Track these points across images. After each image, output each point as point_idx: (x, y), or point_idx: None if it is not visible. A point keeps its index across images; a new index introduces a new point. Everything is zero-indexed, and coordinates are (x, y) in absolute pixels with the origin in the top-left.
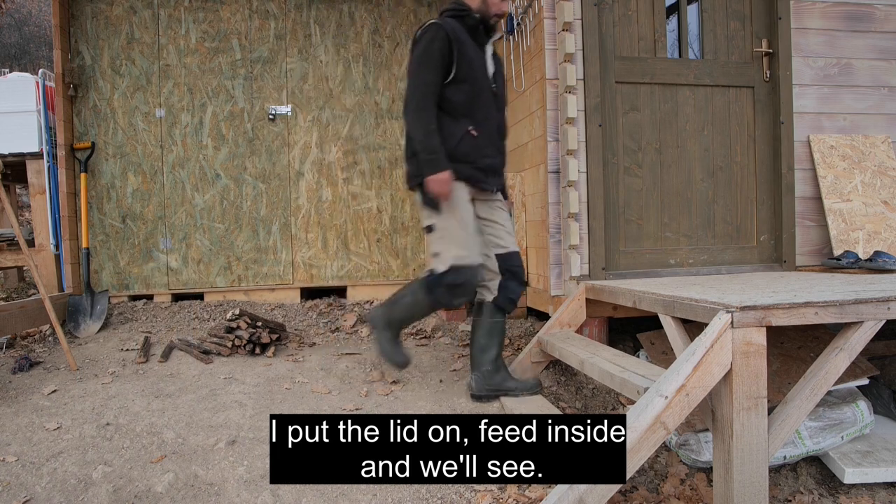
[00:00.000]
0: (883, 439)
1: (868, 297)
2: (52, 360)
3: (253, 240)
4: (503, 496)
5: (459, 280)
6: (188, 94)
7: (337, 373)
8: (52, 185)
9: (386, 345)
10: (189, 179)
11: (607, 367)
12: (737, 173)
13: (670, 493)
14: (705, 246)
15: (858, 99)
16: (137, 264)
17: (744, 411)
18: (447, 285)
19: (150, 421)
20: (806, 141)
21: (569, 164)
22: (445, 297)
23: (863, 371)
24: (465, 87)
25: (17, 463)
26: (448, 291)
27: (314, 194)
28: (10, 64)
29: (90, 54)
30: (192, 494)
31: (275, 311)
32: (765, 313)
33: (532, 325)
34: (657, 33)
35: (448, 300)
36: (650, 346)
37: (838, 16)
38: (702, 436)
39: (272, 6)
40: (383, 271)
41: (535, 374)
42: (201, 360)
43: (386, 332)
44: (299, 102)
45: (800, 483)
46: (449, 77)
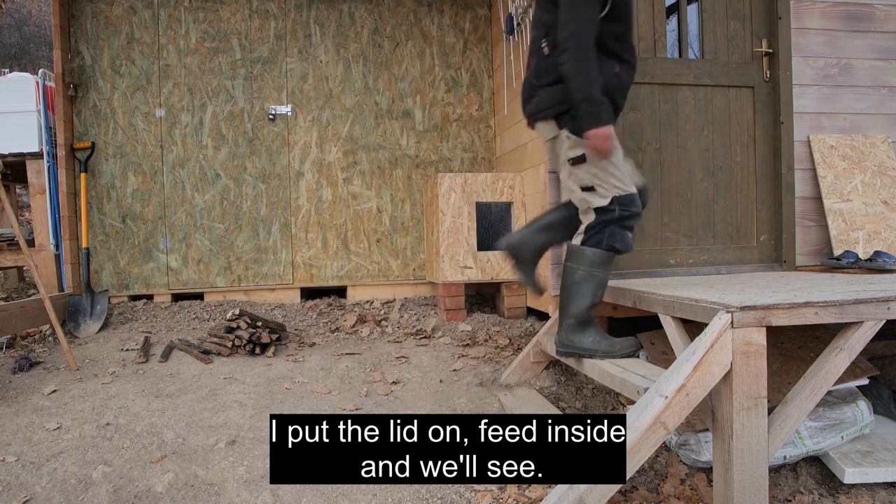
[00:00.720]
0: (883, 439)
1: (868, 297)
2: (52, 360)
3: (253, 240)
4: (503, 496)
5: (630, 210)
6: (188, 94)
7: (337, 373)
8: (52, 185)
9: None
10: (189, 179)
11: (607, 367)
12: (737, 173)
13: (670, 493)
14: (705, 246)
15: (858, 99)
16: (137, 264)
17: (744, 411)
18: (617, 219)
19: (149, 421)
20: (806, 141)
21: None
22: (616, 235)
23: (863, 371)
24: (618, 26)
25: (17, 463)
26: (619, 226)
27: (314, 194)
28: (10, 64)
29: (90, 54)
30: (192, 494)
31: (275, 311)
32: (765, 313)
33: (532, 325)
34: (657, 33)
35: (616, 238)
36: (650, 346)
37: (838, 16)
38: (702, 436)
39: (272, 6)
40: (383, 271)
41: (535, 374)
42: (201, 360)
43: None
44: (299, 102)
45: (800, 483)
46: (603, 12)
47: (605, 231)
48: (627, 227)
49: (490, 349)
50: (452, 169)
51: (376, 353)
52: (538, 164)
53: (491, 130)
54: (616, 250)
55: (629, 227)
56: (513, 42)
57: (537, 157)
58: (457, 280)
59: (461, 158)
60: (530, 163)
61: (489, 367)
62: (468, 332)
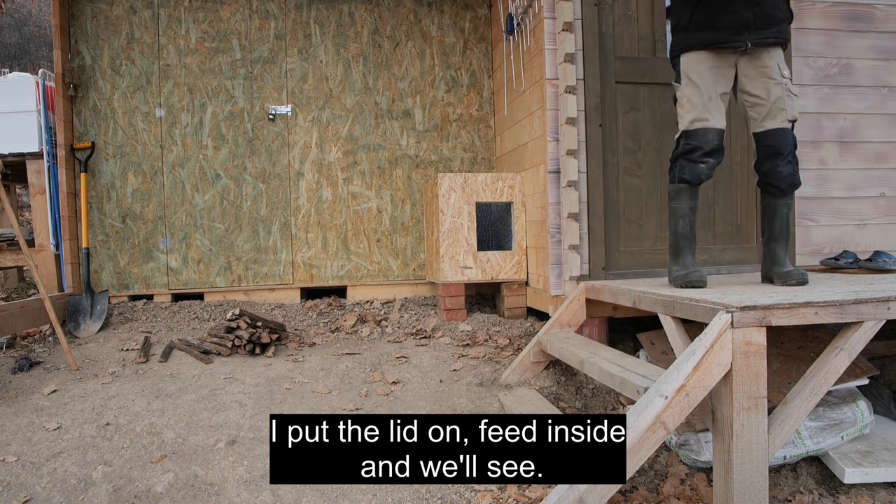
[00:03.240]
0: (883, 439)
1: (868, 297)
2: (52, 360)
3: (253, 240)
4: (503, 496)
5: (691, 144)
6: (188, 94)
7: (337, 373)
8: (52, 185)
9: None
10: (189, 179)
11: (607, 367)
12: (737, 173)
13: (670, 493)
14: (705, 246)
15: (858, 99)
16: (137, 264)
17: (744, 411)
18: (682, 153)
19: (150, 421)
20: (806, 141)
21: (569, 164)
22: (685, 168)
23: (863, 371)
24: None
25: (17, 463)
26: (684, 158)
27: (314, 194)
28: (10, 64)
29: (90, 54)
30: (192, 494)
31: (275, 311)
32: (765, 313)
33: (532, 325)
34: (657, 33)
35: (684, 170)
36: (650, 346)
37: (838, 16)
38: (702, 436)
39: (272, 6)
40: (383, 271)
41: (535, 374)
42: (201, 360)
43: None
44: (299, 102)
45: (800, 483)
46: None
47: (676, 164)
48: (694, 161)
49: (490, 349)
50: (452, 169)
51: (376, 353)
52: (538, 164)
53: (491, 130)
54: (686, 181)
55: (696, 161)
56: (513, 42)
57: (537, 157)
58: (457, 280)
59: (461, 158)
60: (530, 163)
61: (489, 367)
62: (468, 332)
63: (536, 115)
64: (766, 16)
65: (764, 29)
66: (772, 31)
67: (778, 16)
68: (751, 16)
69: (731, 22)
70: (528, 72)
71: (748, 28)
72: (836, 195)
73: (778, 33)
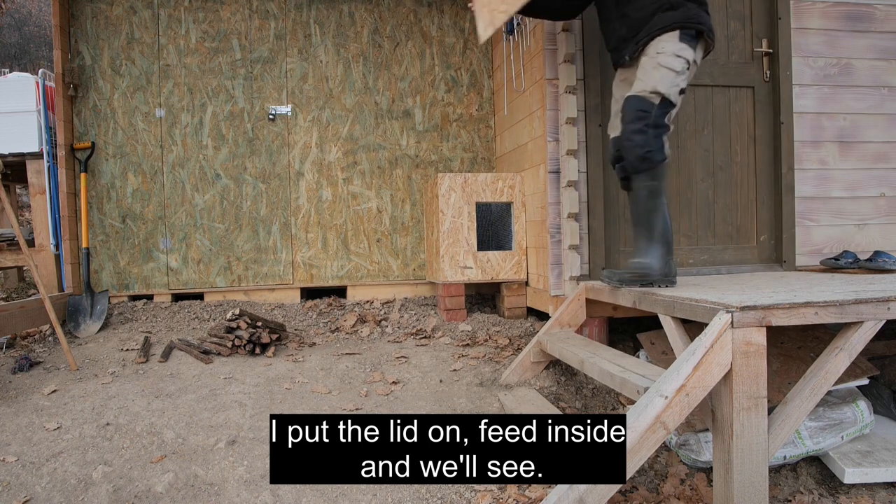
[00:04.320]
0: (883, 439)
1: (868, 297)
2: (52, 360)
3: (253, 240)
4: (503, 496)
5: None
6: (188, 94)
7: (337, 373)
8: (52, 185)
9: None
10: (189, 179)
11: (607, 367)
12: (737, 173)
13: (670, 493)
14: (705, 246)
15: (858, 99)
16: (137, 264)
17: (744, 411)
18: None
19: (150, 421)
20: (806, 141)
21: (569, 164)
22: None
23: (863, 371)
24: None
25: (17, 463)
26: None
27: (314, 194)
28: (10, 64)
29: (90, 54)
30: (192, 494)
31: (275, 311)
32: (765, 313)
33: (532, 325)
34: None
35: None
36: (650, 346)
37: (838, 16)
38: (702, 436)
39: (272, 6)
40: (383, 271)
41: (535, 374)
42: (201, 360)
43: None
44: (299, 102)
45: (800, 483)
46: None
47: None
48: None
49: (490, 349)
50: (452, 169)
51: (376, 353)
52: (538, 164)
53: (491, 130)
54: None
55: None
56: (513, 42)
57: (537, 157)
58: (457, 280)
59: (461, 158)
60: (530, 163)
61: (489, 367)
62: (468, 332)
63: (536, 115)
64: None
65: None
66: (643, 33)
67: (642, 16)
68: (624, 30)
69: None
70: (528, 72)
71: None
72: (836, 195)
73: (650, 29)
